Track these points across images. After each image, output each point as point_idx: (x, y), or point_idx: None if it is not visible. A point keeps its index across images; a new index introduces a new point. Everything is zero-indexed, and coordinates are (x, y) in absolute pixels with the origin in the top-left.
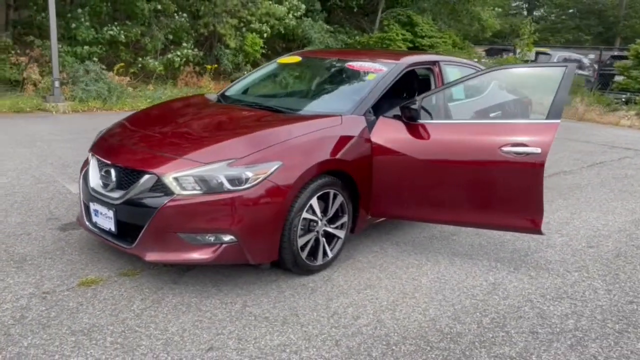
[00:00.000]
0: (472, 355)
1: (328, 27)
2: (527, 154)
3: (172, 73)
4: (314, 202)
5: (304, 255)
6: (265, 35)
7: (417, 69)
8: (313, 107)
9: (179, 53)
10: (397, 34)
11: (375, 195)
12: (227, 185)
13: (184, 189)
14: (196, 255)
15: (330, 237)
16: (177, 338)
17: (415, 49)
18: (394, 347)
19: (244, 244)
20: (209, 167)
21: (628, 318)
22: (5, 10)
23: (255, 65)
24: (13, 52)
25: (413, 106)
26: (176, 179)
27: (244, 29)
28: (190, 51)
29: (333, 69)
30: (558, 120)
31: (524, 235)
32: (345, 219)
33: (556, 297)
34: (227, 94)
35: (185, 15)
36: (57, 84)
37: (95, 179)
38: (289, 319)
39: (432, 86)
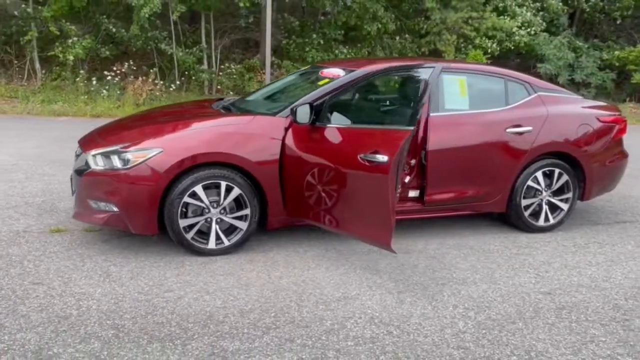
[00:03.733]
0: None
1: (577, 42)
2: (378, 162)
3: None
4: (198, 189)
5: (189, 236)
6: (490, 51)
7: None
8: (257, 107)
9: None
10: None
11: (287, 195)
12: (117, 164)
13: (96, 164)
14: (95, 218)
15: (232, 227)
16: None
17: None
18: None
19: (124, 215)
20: (109, 149)
21: None
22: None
23: None
24: (261, 71)
25: (295, 109)
26: (93, 156)
27: (469, 46)
28: None
29: (312, 76)
30: (411, 128)
31: None
32: (247, 212)
33: None
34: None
35: (407, 35)
36: None
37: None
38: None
39: (419, 94)
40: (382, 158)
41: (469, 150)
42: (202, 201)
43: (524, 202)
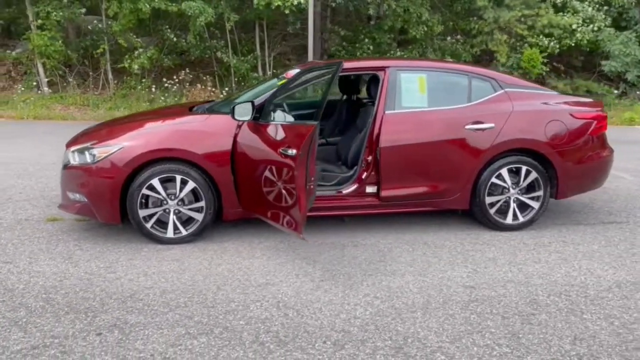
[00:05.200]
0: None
1: None
2: (288, 155)
3: None
4: (155, 182)
5: (148, 225)
6: (548, 50)
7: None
8: (221, 107)
9: None
10: None
11: (240, 189)
12: (87, 159)
13: (74, 160)
14: (71, 208)
15: (190, 217)
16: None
17: None
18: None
19: (91, 205)
20: (82, 146)
21: None
22: (321, 43)
23: (538, 82)
24: None
25: (234, 107)
26: (72, 152)
27: (525, 45)
28: None
29: (281, 78)
30: (315, 123)
31: None
32: (202, 204)
33: None
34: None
35: (458, 36)
36: None
37: None
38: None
39: (378, 91)
40: (292, 151)
41: (425, 147)
42: (159, 193)
43: (489, 200)
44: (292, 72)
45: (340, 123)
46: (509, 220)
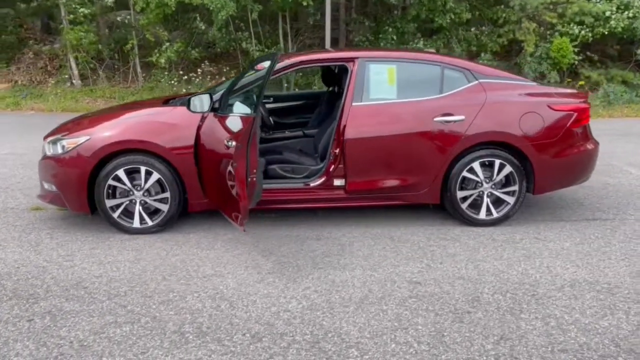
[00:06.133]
0: None
1: None
2: (231, 147)
3: None
4: (120, 173)
5: (115, 215)
6: (579, 38)
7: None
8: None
9: None
10: None
11: (204, 181)
12: (59, 150)
13: (48, 150)
14: (45, 197)
15: (156, 208)
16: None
17: None
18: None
19: (62, 195)
20: (55, 137)
21: None
22: (346, 34)
23: (570, 72)
24: None
25: (190, 98)
26: (47, 143)
27: (555, 34)
28: (487, 61)
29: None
30: (254, 114)
31: None
32: (167, 195)
33: None
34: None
35: (483, 25)
36: None
37: None
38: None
39: (346, 82)
40: (233, 143)
41: (392, 140)
42: (125, 184)
43: (461, 194)
44: (264, 64)
45: (321, 115)
46: (482, 215)
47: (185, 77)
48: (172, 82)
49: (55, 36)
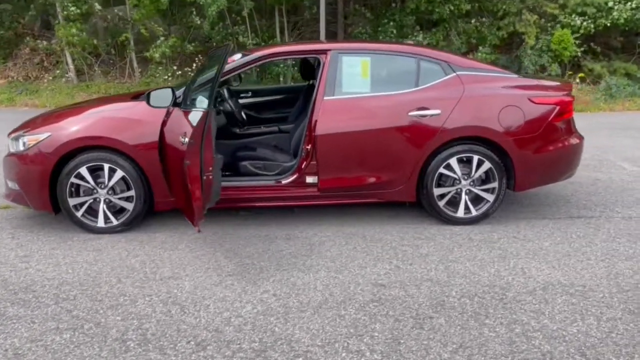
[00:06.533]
0: None
1: None
2: (184, 143)
3: None
4: (83, 171)
5: (78, 214)
6: (581, 30)
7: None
8: None
9: (470, 57)
10: None
11: (170, 179)
12: (20, 147)
13: (12, 147)
14: (8, 196)
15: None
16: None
17: None
18: None
19: (24, 194)
20: (17, 134)
21: None
22: (344, 27)
23: (572, 65)
24: None
25: (149, 93)
26: (11, 140)
27: (557, 25)
28: (486, 55)
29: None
30: (207, 109)
31: None
32: (132, 193)
33: None
34: None
35: (483, 17)
36: None
37: None
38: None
39: (318, 75)
40: (186, 139)
41: (365, 135)
42: (88, 182)
43: (438, 191)
44: (234, 57)
45: (298, 110)
46: (461, 213)
47: (180, 71)
48: (167, 76)
49: (53, 32)
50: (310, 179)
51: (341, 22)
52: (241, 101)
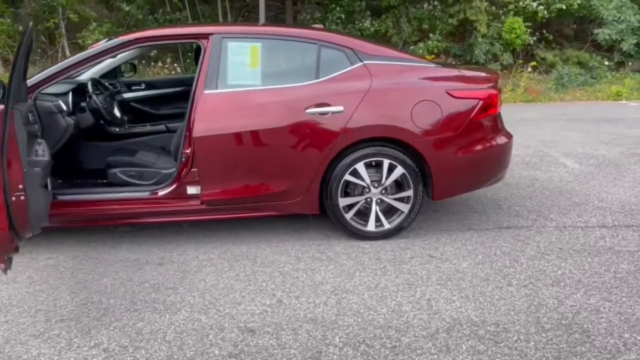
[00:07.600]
0: None
1: None
2: None
3: None
4: None
5: None
6: (538, 16)
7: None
8: None
9: (421, 45)
10: None
11: None
12: None
13: None
14: None
15: None
16: None
17: None
18: None
19: None
20: None
21: None
22: (293, 13)
23: (524, 54)
24: None
25: None
26: None
27: (510, 13)
28: (438, 43)
29: None
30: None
31: None
32: None
33: None
34: None
35: (436, 3)
36: None
37: None
38: None
39: (198, 64)
40: None
41: (255, 137)
42: None
43: (344, 201)
44: (100, 42)
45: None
46: (371, 227)
47: None
48: None
49: None
50: (191, 190)
51: (290, 8)
52: (131, 95)
